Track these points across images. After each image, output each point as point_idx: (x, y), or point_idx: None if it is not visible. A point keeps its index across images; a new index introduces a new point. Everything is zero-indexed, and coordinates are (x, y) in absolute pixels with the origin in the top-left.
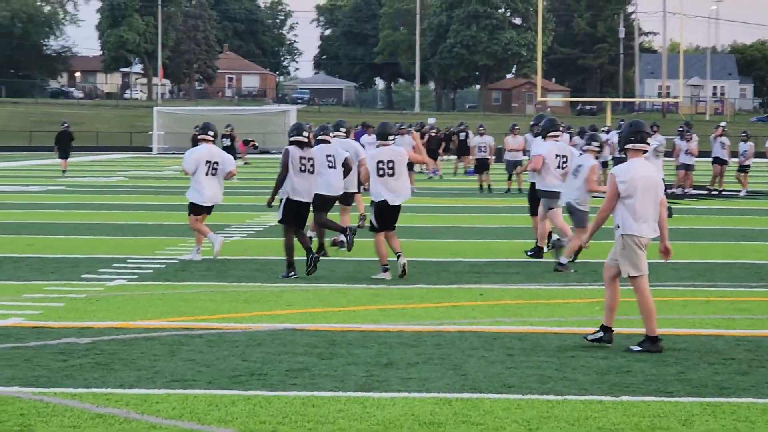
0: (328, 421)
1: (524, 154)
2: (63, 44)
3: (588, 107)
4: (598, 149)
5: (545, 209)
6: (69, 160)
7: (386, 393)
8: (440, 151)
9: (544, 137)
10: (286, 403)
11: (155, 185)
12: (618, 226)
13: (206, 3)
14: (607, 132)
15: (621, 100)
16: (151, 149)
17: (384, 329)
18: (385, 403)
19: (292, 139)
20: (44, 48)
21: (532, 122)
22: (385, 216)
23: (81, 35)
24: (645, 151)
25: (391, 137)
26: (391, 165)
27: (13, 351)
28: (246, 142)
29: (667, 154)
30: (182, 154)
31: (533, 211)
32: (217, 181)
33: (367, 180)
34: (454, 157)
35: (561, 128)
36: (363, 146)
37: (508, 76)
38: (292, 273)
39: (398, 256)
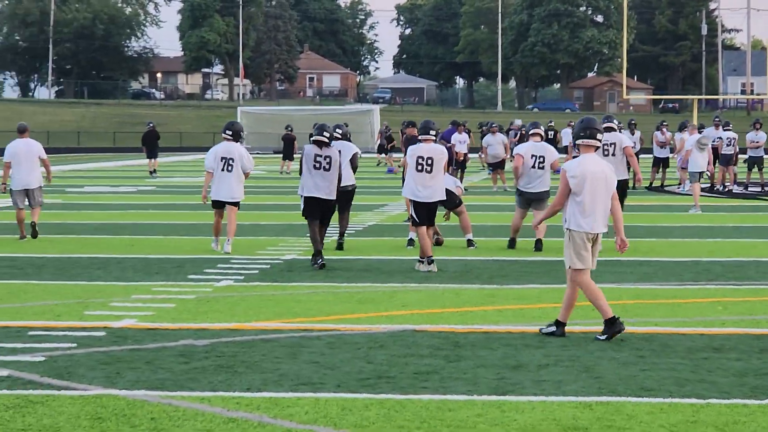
0: (467, 425)
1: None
2: (144, 45)
3: (670, 105)
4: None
5: (522, 206)
6: (146, 160)
7: (522, 396)
8: None
9: (526, 138)
10: (421, 406)
11: (245, 185)
12: (565, 220)
13: (287, 3)
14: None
15: (705, 97)
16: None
17: (505, 330)
18: (524, 407)
19: (312, 138)
20: (126, 49)
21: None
22: (423, 212)
23: (162, 36)
24: (596, 147)
25: (432, 132)
26: (429, 162)
27: (132, 353)
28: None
29: (742, 151)
30: (267, 154)
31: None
32: (234, 177)
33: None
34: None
35: (541, 128)
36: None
37: (590, 74)
38: (319, 260)
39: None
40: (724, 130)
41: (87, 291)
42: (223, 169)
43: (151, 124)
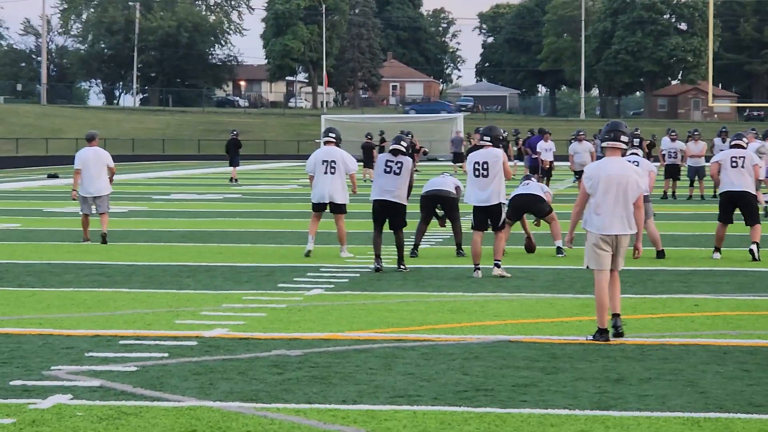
0: None
1: (706, 160)
2: (228, 53)
3: (756, 113)
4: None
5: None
6: (237, 168)
7: (626, 412)
8: None
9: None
10: (522, 421)
11: None
12: (585, 221)
13: (370, 11)
14: None
15: None
16: None
17: (603, 342)
18: (628, 423)
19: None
20: (210, 57)
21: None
22: (479, 216)
23: (246, 45)
24: (622, 150)
25: (486, 138)
26: (485, 166)
27: (225, 363)
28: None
29: None
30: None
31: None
32: (337, 180)
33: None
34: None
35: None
36: (539, 152)
37: (673, 82)
38: (379, 264)
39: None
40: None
41: (177, 300)
42: (325, 172)
43: (235, 132)
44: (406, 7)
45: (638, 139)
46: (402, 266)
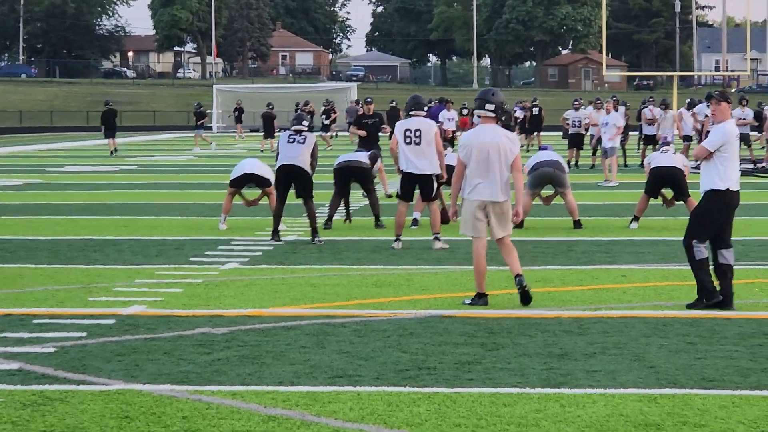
0: (531, 423)
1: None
2: (116, 24)
3: (645, 82)
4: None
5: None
6: (119, 139)
7: (578, 389)
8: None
9: (407, 115)
10: (472, 401)
11: (227, 164)
12: (462, 189)
13: None
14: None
15: (683, 73)
16: (210, 128)
17: (540, 315)
18: (584, 401)
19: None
20: (97, 28)
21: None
22: (407, 185)
23: (133, 15)
24: (491, 118)
25: (423, 107)
26: (418, 134)
27: (148, 343)
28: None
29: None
30: (245, 132)
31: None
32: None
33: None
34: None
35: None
36: (441, 122)
37: (564, 51)
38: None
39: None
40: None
41: (87, 275)
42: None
43: (110, 103)
44: None
45: (537, 109)
46: (316, 238)
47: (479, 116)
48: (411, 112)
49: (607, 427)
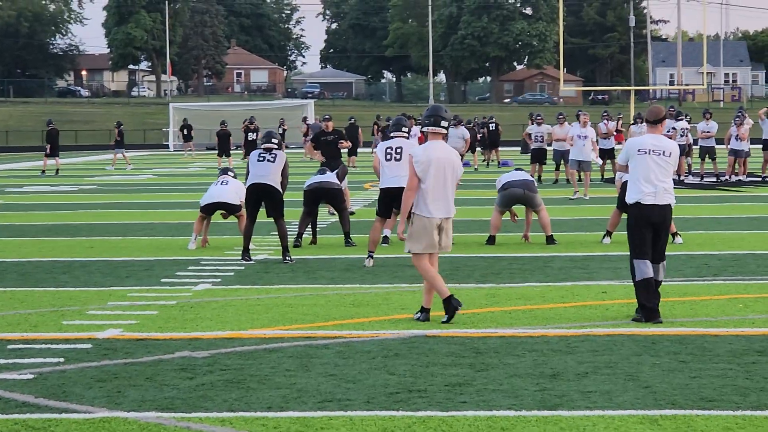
0: None
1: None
2: (70, 43)
3: (600, 96)
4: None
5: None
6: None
7: (576, 411)
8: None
9: (390, 137)
10: (468, 425)
11: (187, 182)
12: (414, 205)
13: None
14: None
15: (640, 88)
16: (166, 146)
17: (525, 334)
18: (584, 424)
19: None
20: (51, 47)
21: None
22: (386, 201)
23: (87, 34)
24: (443, 135)
25: (404, 129)
26: (399, 151)
27: (128, 368)
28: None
29: (718, 141)
30: (200, 150)
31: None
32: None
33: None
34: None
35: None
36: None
37: (519, 67)
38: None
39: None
40: (677, 121)
41: (59, 298)
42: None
43: (52, 123)
44: None
45: (494, 125)
46: (287, 258)
47: (431, 132)
48: (392, 134)
49: None
